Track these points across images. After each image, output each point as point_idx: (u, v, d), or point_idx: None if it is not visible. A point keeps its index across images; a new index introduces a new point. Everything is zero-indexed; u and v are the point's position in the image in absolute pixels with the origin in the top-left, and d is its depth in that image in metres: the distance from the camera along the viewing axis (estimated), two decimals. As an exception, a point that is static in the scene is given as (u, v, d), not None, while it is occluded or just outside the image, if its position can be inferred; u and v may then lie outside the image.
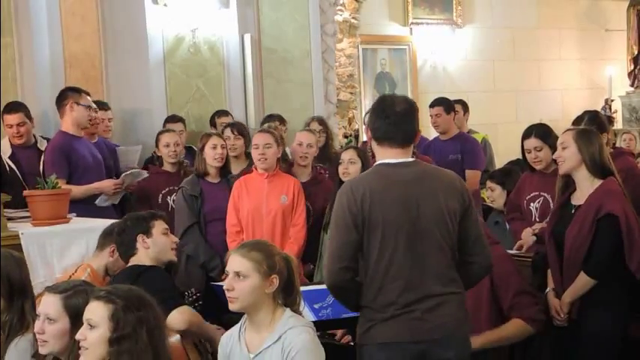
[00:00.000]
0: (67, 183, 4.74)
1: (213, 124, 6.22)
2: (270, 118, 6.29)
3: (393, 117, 2.96)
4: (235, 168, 5.19)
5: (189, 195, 4.83)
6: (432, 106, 6.27)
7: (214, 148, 4.88)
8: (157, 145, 5.32)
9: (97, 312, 2.42)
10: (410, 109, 3.01)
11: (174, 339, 3.06)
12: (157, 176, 5.25)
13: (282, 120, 6.26)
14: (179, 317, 3.14)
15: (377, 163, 3.03)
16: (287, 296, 2.83)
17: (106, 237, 3.76)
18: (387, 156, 2.99)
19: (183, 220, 4.81)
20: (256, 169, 4.78)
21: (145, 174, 5.18)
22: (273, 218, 4.65)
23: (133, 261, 3.41)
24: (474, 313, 3.48)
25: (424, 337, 2.87)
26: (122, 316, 2.37)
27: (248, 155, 5.42)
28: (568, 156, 3.66)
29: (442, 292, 2.91)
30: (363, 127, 6.18)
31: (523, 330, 3.53)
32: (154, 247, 3.40)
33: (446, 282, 2.94)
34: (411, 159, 3.01)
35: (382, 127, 2.98)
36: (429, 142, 6.47)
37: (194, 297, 3.75)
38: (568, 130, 3.83)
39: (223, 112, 6.29)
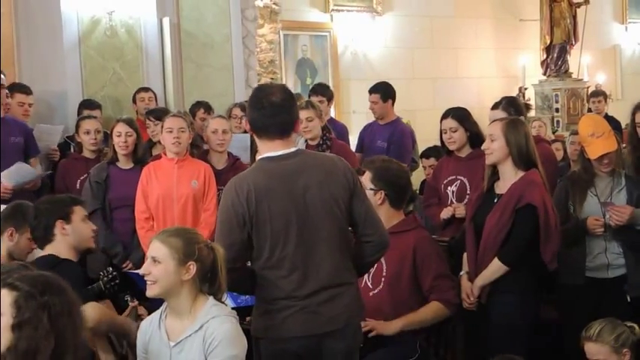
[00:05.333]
0: None
1: (134, 101, 6.18)
2: (198, 105, 6.24)
3: (269, 108, 2.90)
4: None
5: (94, 181, 4.79)
6: (370, 92, 6.32)
7: (119, 135, 4.83)
8: (76, 131, 5.22)
9: (3, 299, 2.37)
10: (287, 98, 2.95)
11: None
12: (75, 162, 5.21)
13: (208, 108, 6.22)
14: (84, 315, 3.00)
15: (259, 158, 2.98)
16: (210, 285, 2.79)
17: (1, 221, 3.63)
18: (268, 148, 2.94)
19: (86, 206, 4.73)
20: (165, 154, 4.73)
21: (32, 169, 4.95)
22: (184, 203, 4.60)
23: (49, 249, 3.26)
24: (395, 292, 3.55)
25: (317, 331, 2.89)
26: (23, 303, 2.31)
27: None
28: (496, 148, 3.73)
29: (337, 283, 2.92)
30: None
31: (441, 312, 3.61)
32: (74, 234, 3.27)
33: (341, 272, 2.94)
34: (292, 149, 2.96)
35: (259, 119, 2.92)
36: (369, 123, 6.54)
37: (109, 276, 3.67)
38: (497, 120, 3.90)
39: (144, 89, 6.20)
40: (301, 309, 2.88)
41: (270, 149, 2.95)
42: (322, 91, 6.59)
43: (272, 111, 2.90)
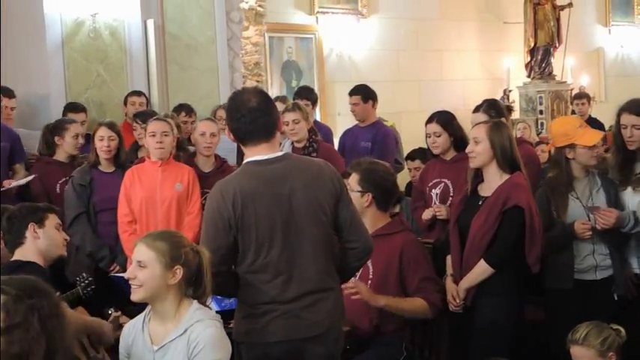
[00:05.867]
0: None
1: (125, 103, 6.19)
2: (180, 108, 6.22)
3: (248, 114, 2.89)
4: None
5: (78, 184, 4.76)
6: (350, 94, 6.33)
7: (101, 139, 4.81)
8: (58, 134, 5.16)
9: None
10: (263, 100, 2.94)
11: None
12: (49, 166, 5.14)
13: (189, 110, 6.19)
14: None
15: (245, 161, 2.96)
16: (196, 289, 2.76)
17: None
18: (254, 153, 2.92)
19: (71, 209, 4.73)
20: (149, 157, 4.71)
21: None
22: (168, 206, 4.58)
23: (18, 253, 3.24)
24: (381, 292, 3.53)
25: (300, 336, 2.88)
26: (12, 306, 2.30)
27: None
28: (480, 151, 3.73)
29: (321, 288, 2.91)
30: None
31: (423, 310, 3.58)
32: (45, 239, 3.26)
33: (324, 277, 2.93)
34: (279, 153, 2.96)
35: (241, 127, 2.90)
36: (349, 128, 6.55)
37: (86, 282, 3.66)
38: (481, 123, 3.91)
39: (136, 93, 6.19)
40: (284, 313, 2.87)
41: (256, 153, 2.93)
42: (307, 94, 6.59)
43: (252, 117, 2.89)
